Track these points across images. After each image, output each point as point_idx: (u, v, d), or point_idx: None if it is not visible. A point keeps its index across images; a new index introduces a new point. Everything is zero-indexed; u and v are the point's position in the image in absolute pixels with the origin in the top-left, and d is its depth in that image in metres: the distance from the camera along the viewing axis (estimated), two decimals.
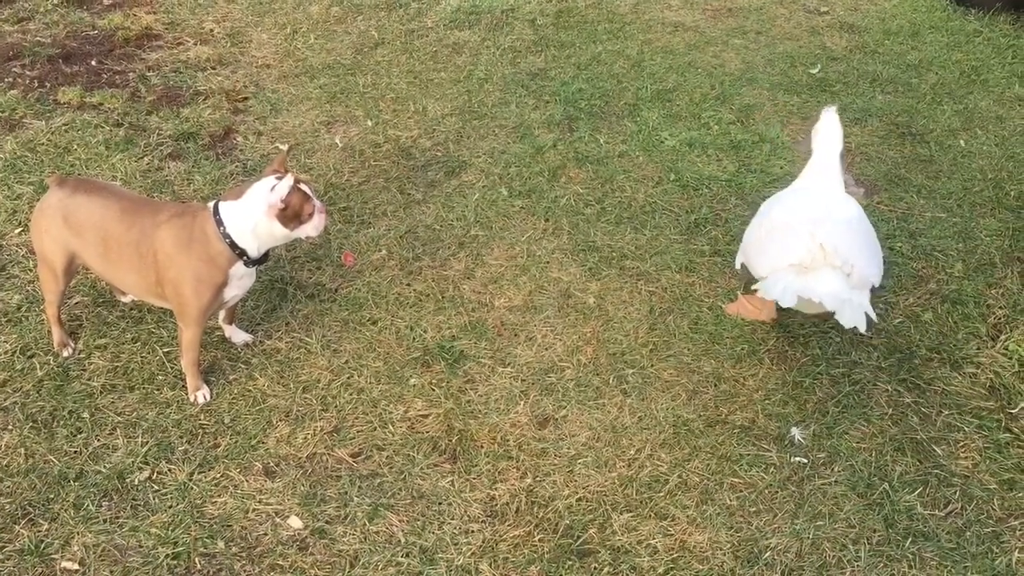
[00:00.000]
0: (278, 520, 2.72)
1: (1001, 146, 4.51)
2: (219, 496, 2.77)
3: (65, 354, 3.20)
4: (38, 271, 3.16)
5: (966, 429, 3.09)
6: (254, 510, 2.74)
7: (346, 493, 2.81)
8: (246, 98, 4.81)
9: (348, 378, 3.21)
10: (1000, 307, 3.56)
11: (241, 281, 2.98)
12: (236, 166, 4.26)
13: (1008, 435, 3.06)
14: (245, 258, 2.90)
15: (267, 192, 2.85)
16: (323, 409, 3.09)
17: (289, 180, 2.84)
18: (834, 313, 2.92)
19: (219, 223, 2.86)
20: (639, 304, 3.59)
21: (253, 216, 2.86)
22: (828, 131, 3.45)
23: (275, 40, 5.37)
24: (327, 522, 2.72)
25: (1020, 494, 2.87)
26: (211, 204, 2.91)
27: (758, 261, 3.23)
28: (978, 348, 3.40)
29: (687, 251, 3.86)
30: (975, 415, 3.14)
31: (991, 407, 3.17)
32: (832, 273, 2.97)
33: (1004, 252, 3.83)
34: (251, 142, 4.45)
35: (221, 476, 2.83)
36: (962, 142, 4.54)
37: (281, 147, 4.41)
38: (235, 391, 3.12)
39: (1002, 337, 3.42)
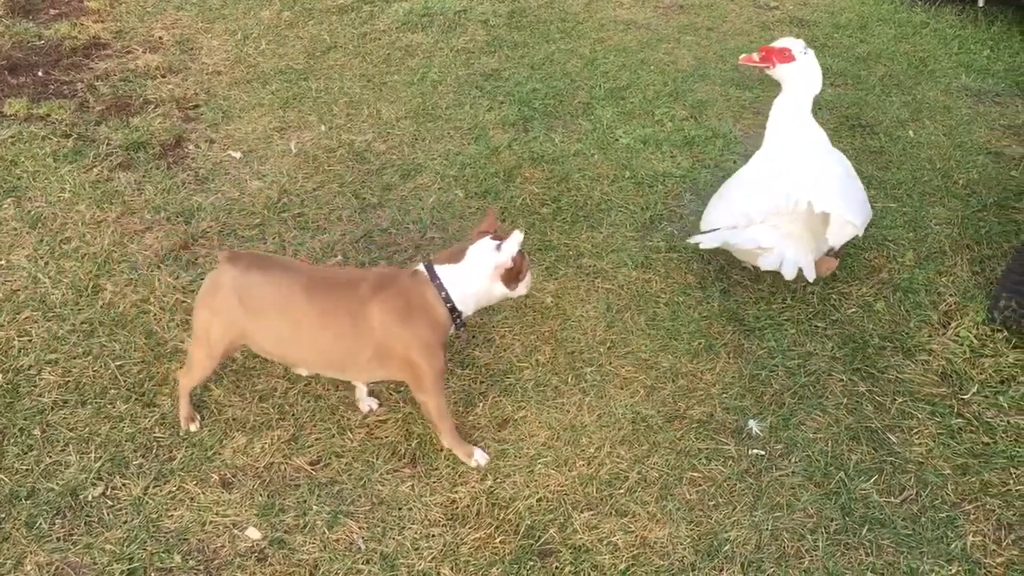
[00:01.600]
0: (236, 532, 2.69)
1: (948, 136, 4.58)
2: (175, 509, 2.74)
3: (192, 428, 2.99)
4: (191, 349, 2.90)
5: (919, 416, 3.14)
6: (211, 522, 2.70)
7: (305, 502, 2.79)
8: (197, 106, 4.77)
9: (305, 385, 3.19)
10: (950, 294, 3.61)
11: None
12: (188, 175, 4.21)
13: (960, 420, 3.11)
14: (457, 321, 2.80)
15: (493, 252, 2.74)
16: (280, 418, 3.06)
17: (519, 237, 2.74)
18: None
19: (439, 287, 2.74)
20: (596, 302, 3.60)
21: (478, 278, 2.75)
22: (809, 72, 3.49)
23: (226, 46, 5.32)
24: (286, 532, 2.70)
25: (973, 478, 2.91)
26: (422, 268, 2.78)
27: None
28: (930, 335, 3.45)
29: (643, 248, 3.88)
30: (928, 402, 3.18)
31: (943, 393, 3.22)
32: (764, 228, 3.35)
33: (953, 240, 3.89)
34: (203, 150, 4.41)
35: (177, 489, 2.80)
36: (911, 132, 4.61)
37: (234, 154, 4.37)
38: None
39: (953, 324, 3.47)
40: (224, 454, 2.92)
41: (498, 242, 2.76)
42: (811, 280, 3.34)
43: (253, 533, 2.68)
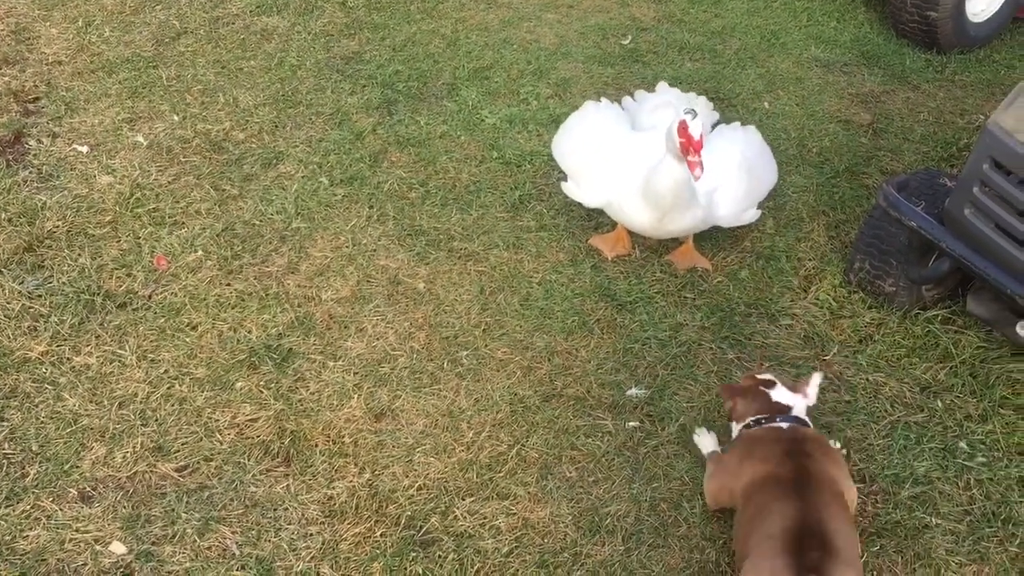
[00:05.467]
0: (99, 548, 2.55)
1: (801, 105, 4.73)
2: (30, 529, 2.57)
3: None
4: None
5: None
6: (71, 540, 2.55)
7: (173, 510, 2.66)
8: (37, 98, 4.47)
9: (168, 388, 3.05)
10: (809, 259, 3.74)
11: None
12: (30, 172, 3.95)
13: (824, 381, 3.22)
14: None
15: (803, 400, 2.83)
16: (143, 424, 2.92)
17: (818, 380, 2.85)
18: None
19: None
20: (469, 285, 3.57)
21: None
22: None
23: (66, 35, 5.01)
24: (153, 543, 2.57)
25: (837, 436, 3.03)
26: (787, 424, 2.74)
27: None
28: (792, 300, 3.56)
29: (514, 228, 3.86)
30: (793, 364, 3.28)
31: (807, 355, 3.33)
32: None
33: (810, 207, 4.03)
34: (45, 145, 4.14)
35: (31, 507, 2.63)
36: (766, 104, 4.74)
37: (80, 148, 4.12)
38: (42, 415, 2.90)
39: (812, 288, 3.59)
40: (82, 467, 2.76)
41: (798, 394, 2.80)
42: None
43: (118, 547, 2.55)
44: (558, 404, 3.10)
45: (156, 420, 2.93)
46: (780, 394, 2.77)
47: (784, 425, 2.69)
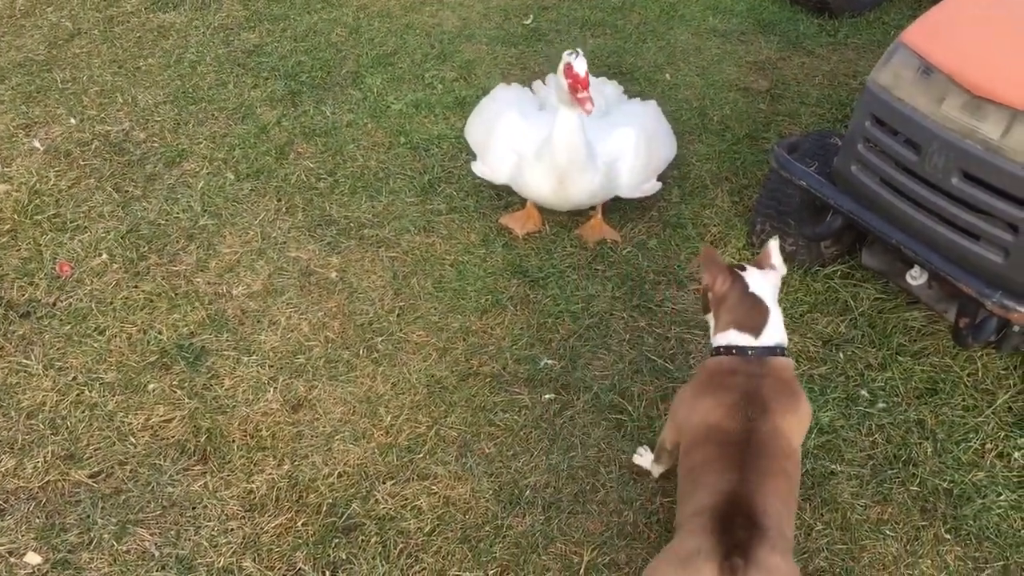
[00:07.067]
0: (13, 560, 2.51)
1: (702, 76, 4.82)
2: None
3: None
4: None
5: (695, 341, 3.32)
6: None
7: (88, 517, 2.63)
8: None
9: (78, 395, 3.00)
10: (714, 225, 3.83)
11: None
12: None
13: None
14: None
15: (772, 274, 2.53)
16: (53, 433, 2.87)
17: (775, 244, 2.56)
18: None
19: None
20: (382, 271, 3.58)
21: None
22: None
23: None
24: (70, 551, 2.54)
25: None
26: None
27: None
28: (699, 266, 3.64)
29: (424, 212, 3.88)
30: (702, 328, 3.37)
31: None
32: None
33: (713, 174, 4.12)
34: None
35: None
36: (667, 76, 4.82)
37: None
38: None
39: (718, 252, 3.67)
40: None
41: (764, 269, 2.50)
42: None
43: (33, 558, 2.52)
44: (475, 382, 3.14)
45: (67, 428, 2.89)
46: (753, 280, 2.41)
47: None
